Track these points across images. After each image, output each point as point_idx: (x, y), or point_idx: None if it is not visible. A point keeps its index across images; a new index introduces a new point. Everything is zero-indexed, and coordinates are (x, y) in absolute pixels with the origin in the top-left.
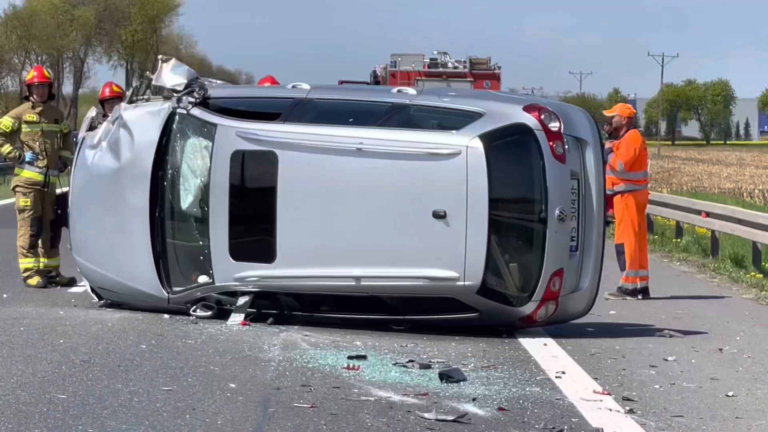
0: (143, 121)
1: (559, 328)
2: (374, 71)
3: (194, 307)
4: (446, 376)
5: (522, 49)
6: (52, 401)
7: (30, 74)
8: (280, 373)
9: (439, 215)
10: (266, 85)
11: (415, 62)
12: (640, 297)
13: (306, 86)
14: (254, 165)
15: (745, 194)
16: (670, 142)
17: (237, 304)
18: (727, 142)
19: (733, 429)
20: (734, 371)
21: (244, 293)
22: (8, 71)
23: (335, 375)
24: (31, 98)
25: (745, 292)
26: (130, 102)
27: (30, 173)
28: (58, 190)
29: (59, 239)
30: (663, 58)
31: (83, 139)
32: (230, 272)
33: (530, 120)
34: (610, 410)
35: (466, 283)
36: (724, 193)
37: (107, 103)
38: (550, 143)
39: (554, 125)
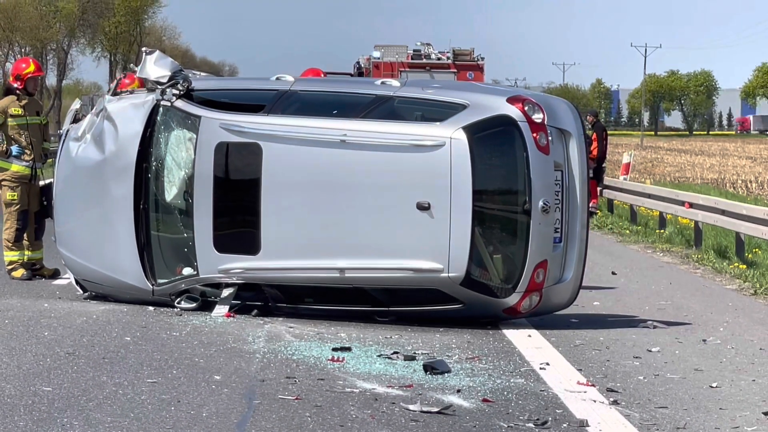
0: (127, 113)
1: (543, 319)
2: (358, 63)
3: (179, 299)
4: (430, 368)
5: (505, 41)
6: (37, 394)
7: (30, 67)
8: (265, 365)
9: (423, 207)
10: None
11: (399, 53)
12: None
13: (290, 78)
14: (238, 157)
15: (728, 185)
16: (653, 133)
17: (221, 296)
18: (710, 132)
19: (716, 420)
20: (718, 362)
21: (228, 285)
22: None
23: (320, 367)
24: (18, 91)
25: (728, 282)
26: (114, 94)
27: (18, 167)
28: (41, 182)
29: (43, 231)
30: (646, 49)
31: (67, 131)
32: (215, 264)
33: (514, 111)
34: (594, 401)
35: (451, 274)
36: (708, 184)
37: None
38: (534, 135)
39: (537, 117)
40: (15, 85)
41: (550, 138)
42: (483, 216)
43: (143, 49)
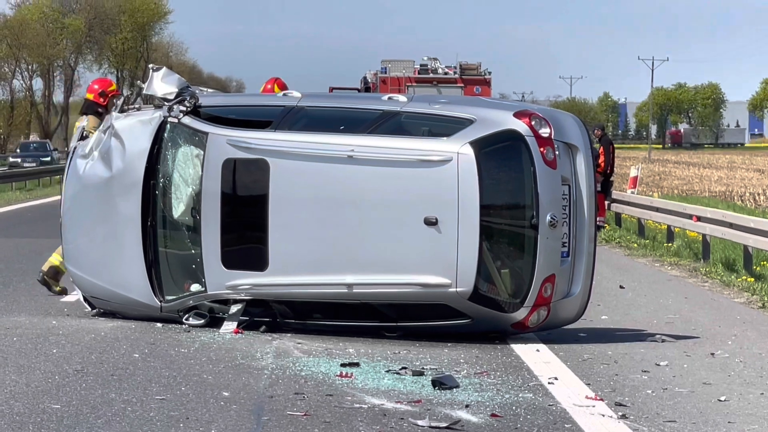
0: (134, 130)
1: (552, 333)
2: (365, 78)
3: (187, 315)
4: (439, 383)
5: (512, 54)
6: (46, 411)
7: (113, 85)
8: (273, 381)
9: (430, 222)
10: (269, 87)
11: (406, 68)
12: None
13: (297, 94)
14: (245, 173)
15: (735, 197)
16: (660, 146)
17: (229, 312)
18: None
19: None
20: (726, 376)
21: (236, 301)
22: None
23: (328, 383)
24: (101, 109)
25: (736, 295)
26: (121, 111)
27: None
28: None
29: None
30: (653, 62)
31: (75, 148)
32: (222, 280)
33: (521, 126)
34: (603, 416)
35: (458, 289)
36: (715, 197)
37: None
38: (541, 149)
39: (545, 131)
40: (99, 102)
41: (557, 152)
42: (490, 231)
43: (150, 65)
